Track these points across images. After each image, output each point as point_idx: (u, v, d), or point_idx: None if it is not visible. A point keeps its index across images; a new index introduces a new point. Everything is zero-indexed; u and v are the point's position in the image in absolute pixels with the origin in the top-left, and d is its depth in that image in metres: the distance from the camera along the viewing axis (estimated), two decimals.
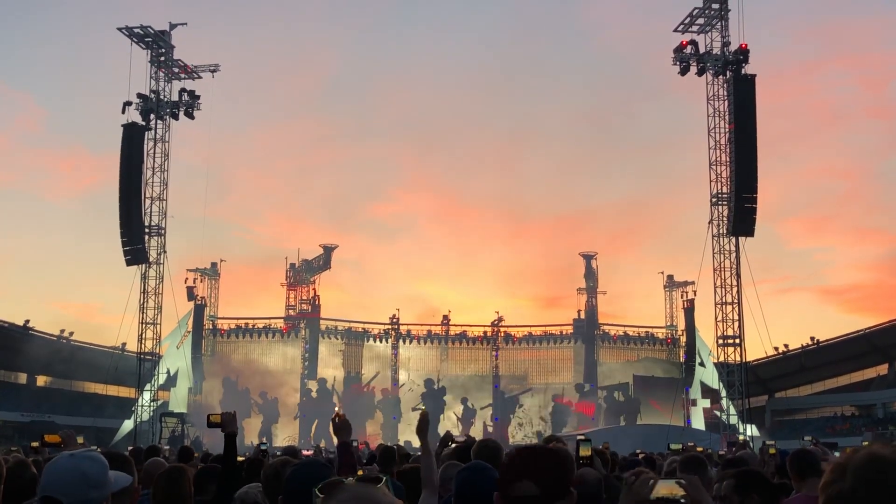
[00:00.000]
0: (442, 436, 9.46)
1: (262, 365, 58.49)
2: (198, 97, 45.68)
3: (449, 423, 56.19)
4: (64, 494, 3.38)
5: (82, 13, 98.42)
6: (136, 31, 44.22)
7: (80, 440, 7.30)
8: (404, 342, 61.27)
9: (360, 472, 6.46)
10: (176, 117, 45.74)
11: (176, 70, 45.95)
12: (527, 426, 57.91)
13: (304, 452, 14.22)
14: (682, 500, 3.13)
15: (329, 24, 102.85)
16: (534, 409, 59.60)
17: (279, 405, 55.21)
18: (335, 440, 6.18)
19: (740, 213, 42.23)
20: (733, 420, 46.07)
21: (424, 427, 5.92)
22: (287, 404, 56.30)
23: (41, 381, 59.44)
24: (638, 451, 17.95)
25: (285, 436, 53.37)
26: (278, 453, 15.58)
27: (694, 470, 5.21)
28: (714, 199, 43.98)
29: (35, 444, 8.36)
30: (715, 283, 44.26)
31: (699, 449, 13.68)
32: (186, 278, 56.57)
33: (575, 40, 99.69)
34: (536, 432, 54.23)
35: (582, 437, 6.54)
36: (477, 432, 49.78)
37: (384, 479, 2.15)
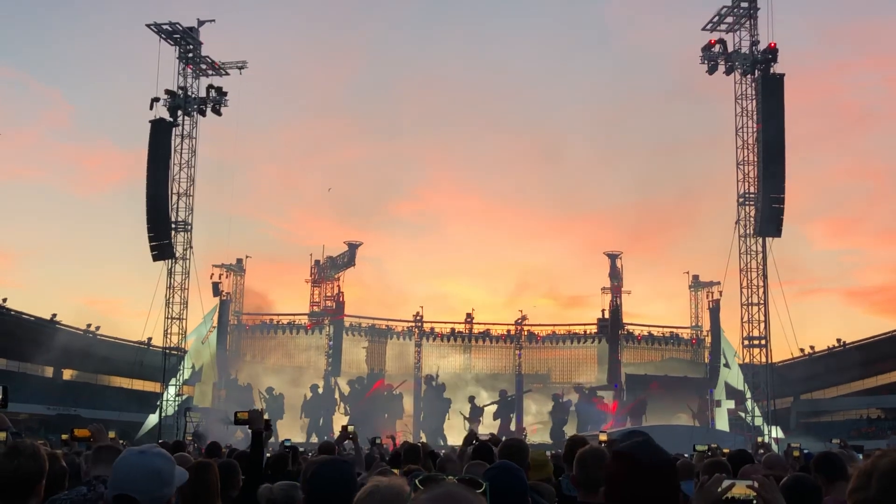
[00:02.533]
0: (466, 434, 9.49)
1: (285, 361, 58.64)
2: (225, 94, 45.89)
3: (456, 421, 56.09)
4: (138, 492, 3.38)
5: (111, 9, 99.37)
6: (164, 27, 44.48)
7: (111, 435, 7.35)
8: (427, 340, 61.27)
9: (395, 471, 6.48)
10: (203, 114, 45.96)
11: (204, 67, 46.19)
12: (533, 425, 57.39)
13: None
14: (755, 501, 3.13)
15: (355, 22, 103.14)
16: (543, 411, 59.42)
17: (286, 402, 54.73)
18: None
19: (767, 214, 41.99)
20: (758, 422, 45.82)
21: (471, 440, 5.90)
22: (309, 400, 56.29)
23: (67, 374, 59.92)
24: None
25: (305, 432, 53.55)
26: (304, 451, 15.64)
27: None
28: (741, 199, 43.76)
29: (65, 436, 8.44)
30: (741, 284, 44.06)
31: (725, 451, 13.59)
32: (212, 274, 56.79)
33: (602, 38, 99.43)
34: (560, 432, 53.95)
35: (607, 438, 6.52)
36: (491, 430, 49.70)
37: (484, 485, 2.15)
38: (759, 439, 34.94)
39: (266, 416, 6.96)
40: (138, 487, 3.39)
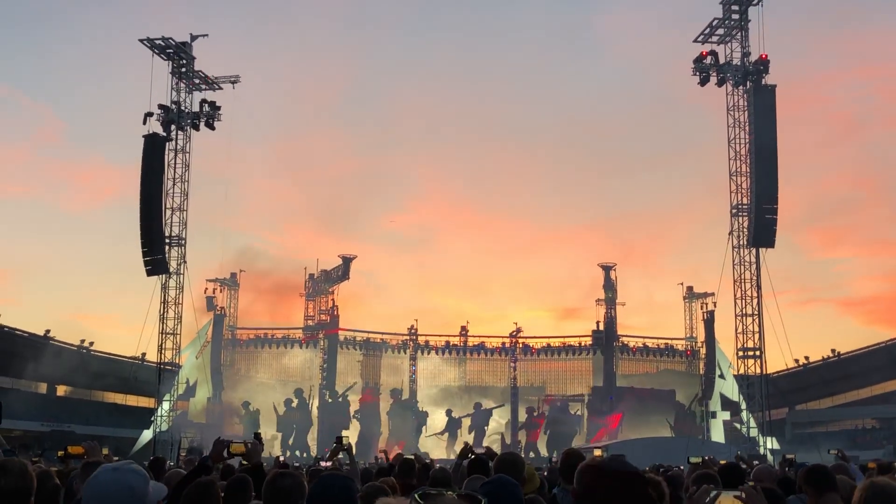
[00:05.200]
0: (461, 449, 9.48)
1: (280, 376, 58.51)
2: (218, 108, 45.93)
3: (430, 435, 56.38)
4: None
5: (104, 25, 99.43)
6: (157, 42, 44.52)
7: (104, 451, 7.33)
8: (422, 353, 61.20)
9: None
10: (197, 128, 45.98)
11: (197, 81, 46.23)
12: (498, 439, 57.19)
13: (322, 463, 14.21)
14: None
15: (347, 36, 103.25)
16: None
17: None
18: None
19: (761, 224, 42.11)
20: (753, 433, 45.83)
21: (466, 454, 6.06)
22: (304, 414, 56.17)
23: (61, 390, 59.73)
24: (657, 464, 17.87)
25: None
26: (297, 464, 15.59)
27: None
28: (734, 210, 43.85)
29: (61, 452, 8.42)
30: (735, 295, 44.10)
31: (722, 462, 13.62)
32: (206, 288, 56.84)
33: (594, 50, 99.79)
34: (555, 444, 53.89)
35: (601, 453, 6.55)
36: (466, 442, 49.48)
37: (483, 500, 2.17)
38: (738, 454, 34.86)
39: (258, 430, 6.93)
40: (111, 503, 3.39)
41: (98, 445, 6.91)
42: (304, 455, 49.75)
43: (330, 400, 55.52)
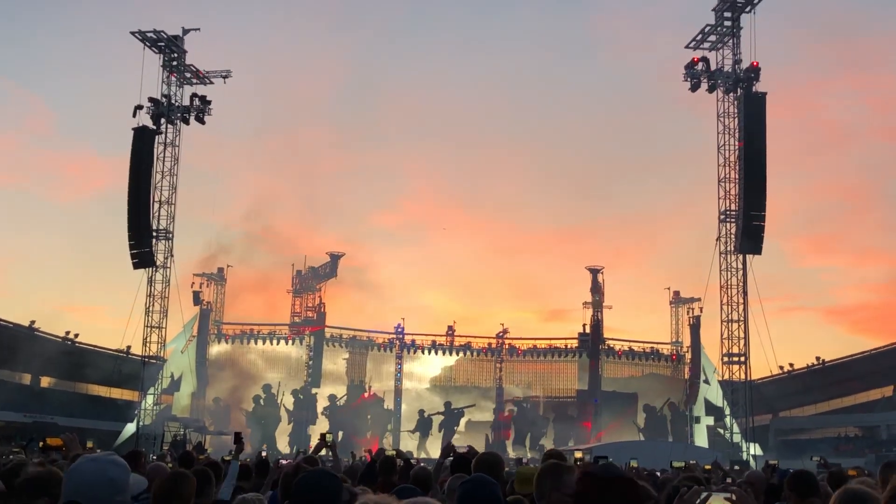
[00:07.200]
0: (443, 447, 9.47)
1: (265, 372, 58.34)
2: (209, 102, 45.86)
3: (403, 431, 56.67)
4: (90, 499, 3.34)
5: (96, 17, 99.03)
6: (149, 35, 44.43)
7: (89, 444, 7.29)
8: (409, 352, 61.15)
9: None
10: (187, 122, 45.92)
11: (188, 75, 46.14)
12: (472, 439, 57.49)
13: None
14: None
15: (339, 32, 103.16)
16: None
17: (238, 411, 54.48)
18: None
19: (748, 231, 42.27)
20: (737, 438, 45.96)
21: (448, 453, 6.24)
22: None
23: (45, 382, 59.41)
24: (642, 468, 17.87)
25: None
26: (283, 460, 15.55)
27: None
28: (722, 216, 44.02)
29: (42, 444, 8.38)
30: (721, 301, 44.31)
31: (707, 467, 13.68)
32: (193, 283, 56.56)
33: (586, 54, 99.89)
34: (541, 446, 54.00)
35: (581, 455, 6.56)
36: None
37: None
38: (716, 459, 35.03)
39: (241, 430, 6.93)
40: (90, 495, 3.34)
41: (76, 438, 6.86)
42: (273, 451, 49.80)
43: (302, 397, 55.62)
